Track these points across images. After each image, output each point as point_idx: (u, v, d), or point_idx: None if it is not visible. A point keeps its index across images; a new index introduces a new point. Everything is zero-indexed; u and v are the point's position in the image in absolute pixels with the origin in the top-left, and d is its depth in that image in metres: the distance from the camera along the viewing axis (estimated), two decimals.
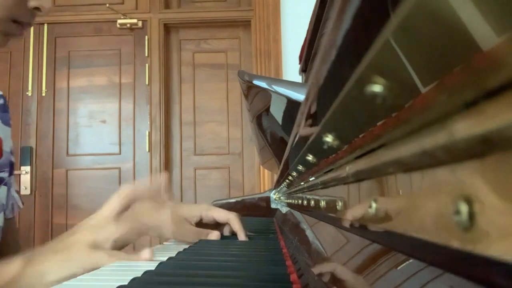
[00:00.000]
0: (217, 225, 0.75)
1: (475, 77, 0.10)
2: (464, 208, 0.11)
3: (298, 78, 1.55)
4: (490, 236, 0.10)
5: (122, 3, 2.69)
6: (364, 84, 0.15)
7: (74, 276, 0.52)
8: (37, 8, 0.64)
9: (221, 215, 0.74)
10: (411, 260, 0.15)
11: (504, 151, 0.09)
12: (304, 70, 1.27)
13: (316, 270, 0.33)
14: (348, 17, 0.14)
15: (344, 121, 0.20)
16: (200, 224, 0.74)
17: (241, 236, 0.72)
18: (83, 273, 0.52)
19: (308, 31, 1.10)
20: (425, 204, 0.13)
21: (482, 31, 0.09)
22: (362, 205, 0.20)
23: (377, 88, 0.14)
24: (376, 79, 0.15)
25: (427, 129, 0.12)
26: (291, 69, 2.45)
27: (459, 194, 0.11)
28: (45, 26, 2.68)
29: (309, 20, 1.07)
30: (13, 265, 0.53)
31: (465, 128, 0.11)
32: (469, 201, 0.11)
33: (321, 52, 0.18)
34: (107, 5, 2.61)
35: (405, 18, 0.12)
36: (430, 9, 0.11)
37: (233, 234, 0.74)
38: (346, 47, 0.16)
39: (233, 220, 0.73)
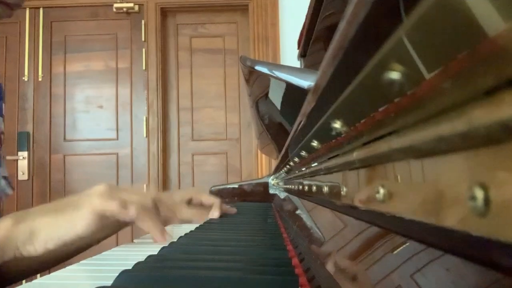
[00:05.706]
0: (203, 208, 0.86)
1: (496, 64, 0.10)
2: (479, 193, 0.11)
3: (297, 63, 1.54)
4: (506, 221, 0.10)
5: None
6: (376, 72, 0.16)
7: (62, 239, 0.50)
8: None
9: (208, 199, 0.87)
10: (425, 247, 0.15)
11: None
12: (303, 55, 1.26)
13: (316, 252, 0.33)
14: (364, 6, 0.14)
15: (353, 108, 0.20)
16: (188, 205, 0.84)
17: (214, 214, 0.84)
18: (71, 237, 0.51)
19: (307, 15, 1.09)
20: (440, 190, 0.13)
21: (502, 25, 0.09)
22: (370, 191, 0.20)
23: (392, 75, 0.14)
24: (388, 66, 0.15)
25: (444, 116, 0.12)
26: (289, 54, 2.44)
27: (475, 179, 0.11)
28: (41, 10, 2.65)
29: (307, 4, 1.06)
30: (3, 223, 0.50)
31: (482, 114, 0.11)
32: (484, 187, 0.11)
33: (334, 42, 0.18)
34: None
35: (423, 8, 0.12)
36: None
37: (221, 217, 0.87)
38: (360, 36, 0.16)
39: (216, 204, 0.86)
